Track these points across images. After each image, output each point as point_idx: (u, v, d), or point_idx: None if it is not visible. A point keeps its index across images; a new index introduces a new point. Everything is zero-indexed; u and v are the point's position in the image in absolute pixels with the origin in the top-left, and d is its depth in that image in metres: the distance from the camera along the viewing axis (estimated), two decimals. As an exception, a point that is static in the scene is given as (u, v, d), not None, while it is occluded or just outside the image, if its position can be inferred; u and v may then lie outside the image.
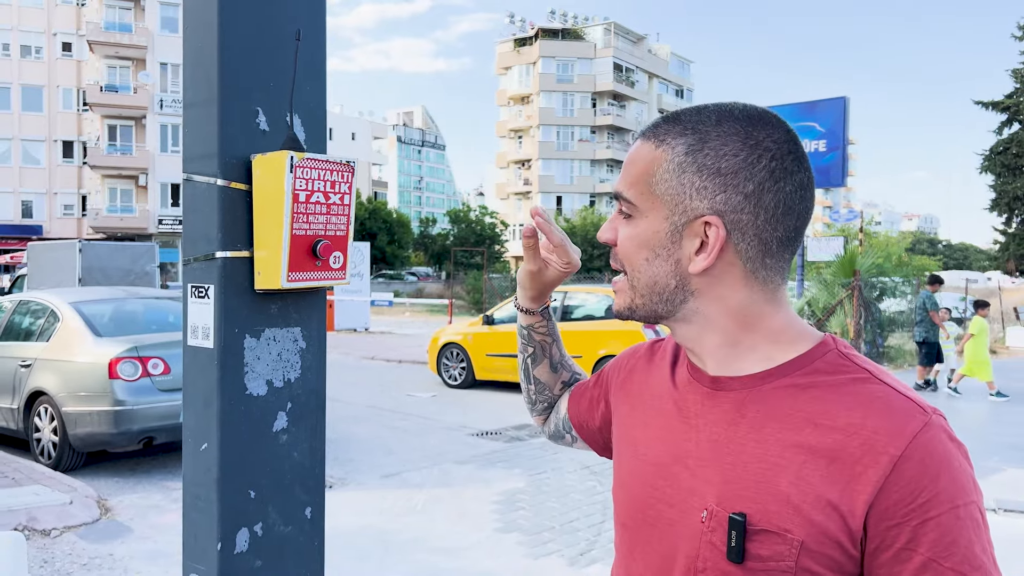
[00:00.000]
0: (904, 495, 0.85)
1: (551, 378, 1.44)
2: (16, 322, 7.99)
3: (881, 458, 0.86)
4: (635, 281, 1.02)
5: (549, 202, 62.20)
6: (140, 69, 44.74)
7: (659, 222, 0.98)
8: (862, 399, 0.91)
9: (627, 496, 1.08)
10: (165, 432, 6.86)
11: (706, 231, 0.96)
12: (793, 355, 0.98)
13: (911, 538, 0.84)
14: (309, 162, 1.55)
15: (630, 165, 1.02)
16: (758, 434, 0.94)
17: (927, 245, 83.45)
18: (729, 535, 0.91)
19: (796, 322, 1.01)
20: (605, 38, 63.56)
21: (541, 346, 1.42)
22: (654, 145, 0.99)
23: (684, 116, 0.99)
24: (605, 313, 10.80)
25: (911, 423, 0.88)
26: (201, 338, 1.58)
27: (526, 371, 1.46)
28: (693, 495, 0.97)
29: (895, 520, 0.85)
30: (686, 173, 0.96)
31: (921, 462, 0.86)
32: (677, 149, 0.97)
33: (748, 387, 0.98)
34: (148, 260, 15.40)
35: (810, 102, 15.92)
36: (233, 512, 1.57)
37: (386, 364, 15.48)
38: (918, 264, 20.74)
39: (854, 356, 0.98)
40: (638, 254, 1.01)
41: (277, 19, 1.62)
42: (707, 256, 0.96)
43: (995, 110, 39.03)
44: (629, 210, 1.01)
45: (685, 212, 0.96)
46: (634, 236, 1.01)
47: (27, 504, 5.58)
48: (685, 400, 1.04)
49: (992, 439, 8.55)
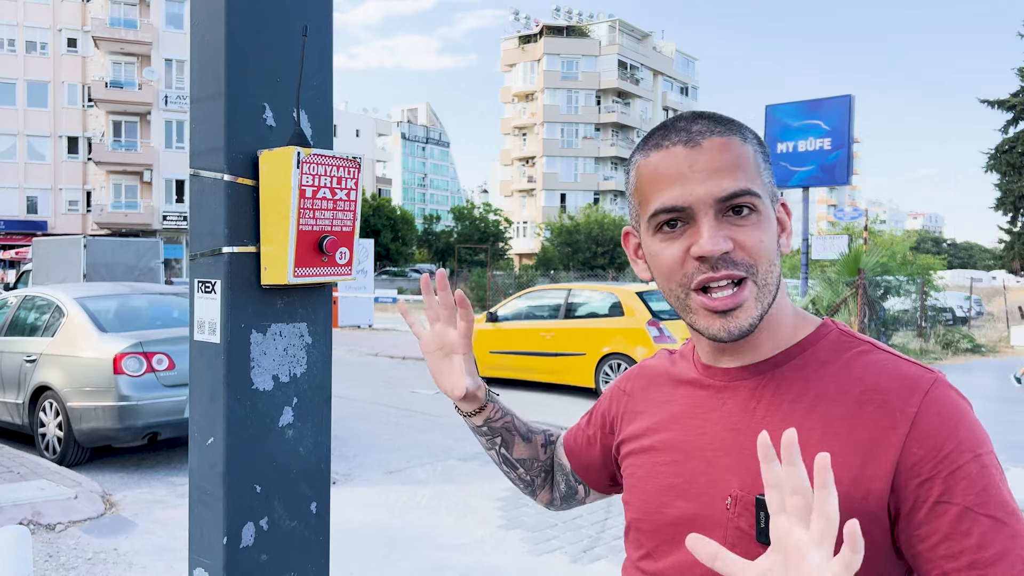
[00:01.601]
0: (928, 449, 0.87)
1: (531, 449, 1.35)
2: (21, 317, 8.01)
3: (900, 417, 0.89)
4: (768, 282, 0.96)
5: (553, 199, 62.16)
6: (145, 65, 44.81)
7: (771, 212, 0.99)
8: (870, 369, 0.95)
9: (642, 499, 1.07)
10: (169, 428, 6.88)
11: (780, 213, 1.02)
12: (799, 338, 1.01)
13: (944, 490, 0.86)
14: (316, 158, 1.55)
15: (738, 160, 0.95)
16: (775, 416, 0.96)
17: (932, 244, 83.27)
18: (757, 517, 0.92)
19: (795, 306, 1.06)
20: (610, 35, 63.44)
21: (506, 429, 1.32)
22: (740, 139, 0.98)
23: (719, 116, 1.01)
24: (609, 311, 10.79)
25: (920, 382, 0.91)
26: (208, 333, 1.58)
27: (505, 460, 1.35)
28: (714, 486, 0.98)
29: (924, 475, 0.87)
30: (767, 163, 1.00)
31: (938, 415, 0.89)
32: (753, 141, 1.00)
33: (761, 373, 1.00)
34: (152, 256, 15.42)
35: (815, 100, 15.89)
36: (239, 506, 1.57)
37: (390, 361, 15.49)
38: (923, 263, 20.65)
39: (855, 334, 1.02)
40: (771, 249, 0.97)
41: (284, 15, 1.62)
42: (788, 234, 1.02)
43: (1001, 108, 38.89)
44: (755, 205, 0.95)
45: (775, 197, 1.01)
46: (765, 231, 0.96)
47: (32, 499, 5.60)
48: (698, 399, 1.05)
49: (999, 438, 8.50)
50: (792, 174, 15.80)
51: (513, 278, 32.43)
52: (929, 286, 18.53)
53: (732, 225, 0.94)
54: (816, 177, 15.70)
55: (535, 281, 30.29)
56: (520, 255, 61.41)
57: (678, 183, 0.95)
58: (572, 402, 10.55)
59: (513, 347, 11.55)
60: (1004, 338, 20.55)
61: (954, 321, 21.62)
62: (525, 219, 64.35)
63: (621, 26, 63.91)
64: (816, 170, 15.60)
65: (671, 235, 0.97)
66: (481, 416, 1.29)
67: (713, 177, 0.94)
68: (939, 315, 19.43)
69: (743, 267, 0.94)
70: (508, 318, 11.83)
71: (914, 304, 18.10)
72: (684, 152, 0.96)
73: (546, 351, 11.17)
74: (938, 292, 19.45)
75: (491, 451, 1.34)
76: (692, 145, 0.96)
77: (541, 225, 58.23)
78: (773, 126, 16.03)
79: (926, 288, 18.26)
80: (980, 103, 39.19)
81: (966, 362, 16.49)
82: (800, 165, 15.71)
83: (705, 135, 0.96)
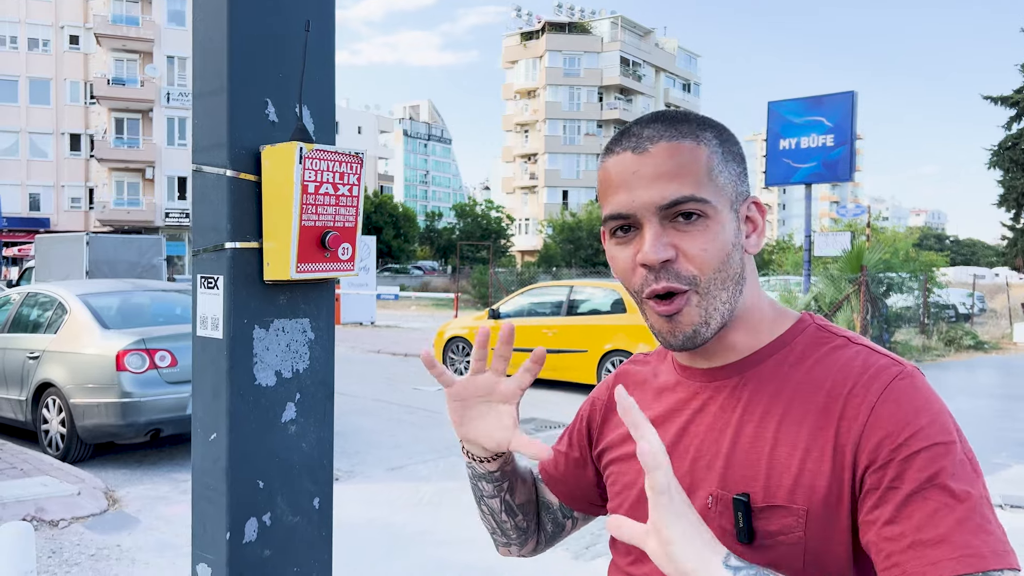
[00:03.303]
0: (885, 435, 0.87)
1: (527, 489, 1.26)
2: (24, 314, 8.02)
3: (861, 406, 0.89)
4: (712, 289, 0.95)
5: (555, 196, 62.12)
6: (147, 62, 44.83)
7: (728, 213, 0.97)
8: (842, 362, 0.94)
9: (626, 505, 1.07)
10: (172, 424, 6.90)
11: (750, 211, 1.01)
12: (776, 334, 1.01)
13: (895, 475, 0.85)
14: (318, 153, 1.55)
15: (683, 166, 0.94)
16: (753, 415, 0.96)
17: (935, 241, 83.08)
18: (736, 516, 0.92)
19: (773, 301, 1.05)
20: (612, 32, 63.36)
21: (513, 471, 1.22)
22: (693, 142, 0.96)
23: (678, 117, 0.99)
24: (611, 307, 10.79)
25: (885, 373, 0.91)
26: (210, 329, 1.58)
27: (508, 508, 1.23)
28: (696, 485, 0.98)
29: (880, 462, 0.86)
30: (729, 162, 0.98)
31: (897, 403, 0.88)
32: (712, 141, 0.98)
33: (739, 372, 1.00)
34: (155, 253, 15.46)
35: (818, 96, 15.85)
36: (242, 502, 1.57)
37: (392, 358, 15.50)
38: (925, 260, 20.62)
39: (832, 328, 1.01)
40: (718, 256, 0.94)
41: (286, 9, 1.62)
42: (759, 233, 1.01)
43: (1004, 105, 38.75)
44: (703, 211, 0.94)
45: (739, 196, 0.99)
46: (713, 238, 0.94)
47: (35, 495, 5.61)
48: (678, 401, 1.05)
49: (1001, 435, 8.53)
50: (795, 171, 15.78)
51: (515, 275, 32.44)
52: (932, 283, 18.51)
53: (678, 231, 0.94)
54: (819, 174, 15.67)
55: (537, 278, 30.30)
56: (522, 252, 61.39)
57: (624, 189, 0.95)
58: (574, 399, 10.55)
59: (517, 344, 11.54)
60: (1007, 335, 20.53)
61: (957, 318, 21.59)
62: (527, 216, 64.32)
63: (623, 22, 63.83)
64: (819, 167, 15.57)
65: (623, 240, 0.98)
66: (498, 461, 1.18)
67: (656, 184, 0.93)
68: (942, 312, 19.42)
69: (685, 279, 0.94)
70: (510, 315, 11.83)
71: (917, 301, 18.07)
72: (631, 159, 0.96)
73: (548, 348, 11.16)
74: (941, 289, 19.42)
75: (495, 499, 1.22)
76: (639, 151, 0.95)
77: (543, 222, 58.21)
78: (776, 122, 16.00)
79: (929, 285, 18.24)
80: (983, 99, 39.06)
81: (969, 359, 16.47)
82: (803, 162, 15.68)
83: (654, 140, 0.95)
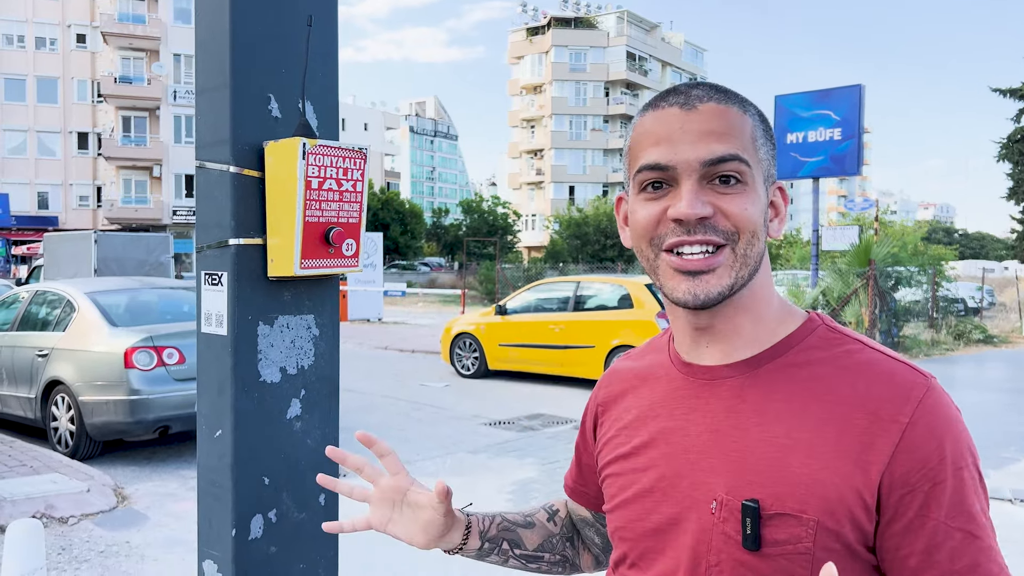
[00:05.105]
0: (916, 461, 0.86)
1: (541, 531, 1.25)
2: (33, 312, 8.06)
3: (891, 426, 0.87)
4: (748, 253, 0.92)
5: (562, 192, 62.02)
6: (154, 60, 44.92)
7: (761, 188, 0.95)
8: (862, 369, 0.92)
9: (624, 507, 1.03)
10: (180, 421, 6.91)
11: (775, 196, 0.99)
12: (783, 335, 0.97)
13: (923, 503, 0.86)
14: (321, 149, 1.54)
15: (732, 127, 0.92)
16: (761, 417, 0.93)
17: (943, 234, 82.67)
18: (743, 523, 0.89)
19: (783, 299, 1.02)
20: (618, 26, 63.17)
21: (505, 530, 1.22)
22: (739, 110, 0.94)
23: (723, 87, 0.97)
24: (618, 303, 10.76)
25: (915, 389, 0.89)
26: (215, 325, 1.58)
27: (527, 558, 1.23)
28: (698, 489, 0.94)
29: (908, 487, 0.86)
30: (767, 141, 0.97)
31: (928, 426, 0.87)
32: (756, 116, 0.96)
33: (744, 372, 0.96)
34: (162, 251, 15.49)
35: (825, 90, 15.78)
36: (248, 498, 1.57)
37: (399, 354, 15.51)
38: (934, 253, 20.54)
39: (842, 329, 0.98)
40: (755, 220, 0.92)
41: (289, 5, 1.61)
42: (781, 219, 0.99)
43: (1013, 97, 38.50)
44: (743, 175, 0.92)
45: (770, 178, 0.97)
46: (752, 202, 0.92)
47: (45, 492, 5.64)
48: (678, 399, 1.01)
49: (1010, 428, 8.48)
50: (802, 164, 15.71)
51: (522, 271, 32.40)
52: (940, 277, 18.42)
53: (716, 192, 0.91)
54: (826, 167, 15.61)
55: (544, 274, 30.26)
56: (529, 248, 61.35)
57: (666, 142, 0.92)
58: (581, 394, 10.53)
59: (522, 340, 11.55)
60: (1016, 328, 20.43)
61: (966, 312, 21.49)
62: (534, 212, 64.24)
63: (629, 17, 63.63)
64: (826, 160, 15.51)
65: (653, 196, 0.94)
66: (473, 535, 1.16)
67: (703, 140, 0.91)
68: (951, 306, 19.33)
69: (723, 233, 0.91)
70: (517, 311, 11.83)
71: (925, 295, 17.99)
72: (678, 113, 0.93)
73: (555, 343, 11.16)
74: (950, 283, 19.33)
75: (508, 561, 1.21)
76: (687, 108, 0.93)
77: (550, 218, 58.14)
78: (783, 116, 15.94)
79: (937, 279, 18.16)
80: (991, 92, 38.82)
81: (978, 353, 16.39)
82: (810, 155, 15.62)
83: (703, 100, 0.93)
